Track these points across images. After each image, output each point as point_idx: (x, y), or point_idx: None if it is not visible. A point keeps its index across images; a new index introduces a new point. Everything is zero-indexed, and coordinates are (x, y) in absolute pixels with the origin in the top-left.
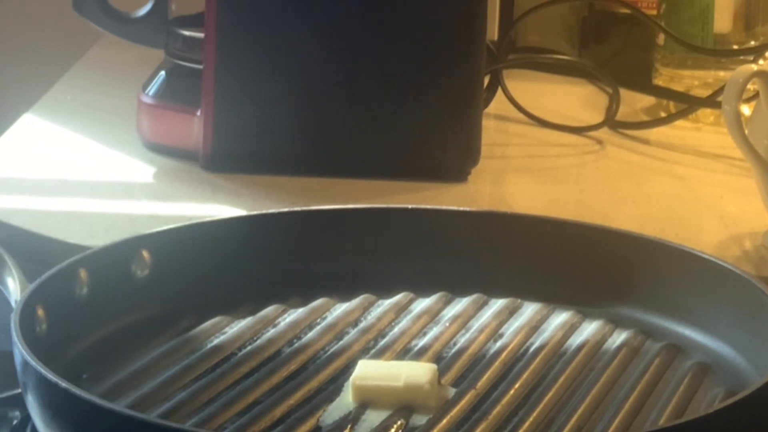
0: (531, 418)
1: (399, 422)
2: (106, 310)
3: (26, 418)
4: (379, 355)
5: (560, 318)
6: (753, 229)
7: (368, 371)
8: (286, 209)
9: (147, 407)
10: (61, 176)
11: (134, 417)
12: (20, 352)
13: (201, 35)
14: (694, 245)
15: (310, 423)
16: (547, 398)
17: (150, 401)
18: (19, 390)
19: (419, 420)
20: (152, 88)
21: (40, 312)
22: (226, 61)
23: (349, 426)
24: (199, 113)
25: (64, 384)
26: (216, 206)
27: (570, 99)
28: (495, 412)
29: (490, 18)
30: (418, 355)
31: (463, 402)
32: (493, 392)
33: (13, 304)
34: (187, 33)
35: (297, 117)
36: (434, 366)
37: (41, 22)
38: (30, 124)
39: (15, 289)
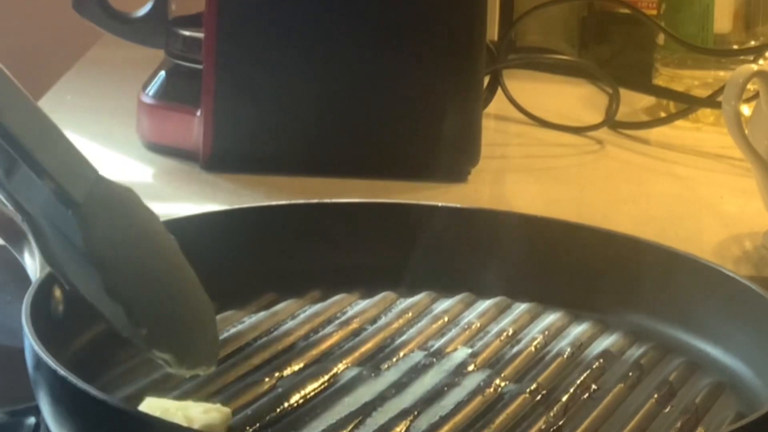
0: (537, 425)
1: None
2: None
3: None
4: (394, 353)
5: (580, 328)
6: (753, 229)
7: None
8: (314, 200)
9: (153, 395)
10: None
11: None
12: (29, 340)
13: (201, 35)
14: (694, 245)
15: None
16: (556, 407)
17: (159, 389)
18: (32, 404)
19: (421, 423)
20: (152, 88)
21: (58, 293)
22: (226, 61)
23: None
24: (199, 113)
25: (69, 376)
26: (216, 206)
27: (570, 99)
28: (500, 419)
29: (490, 18)
30: (434, 355)
31: (473, 404)
32: (503, 397)
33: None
34: (187, 33)
35: (297, 117)
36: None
37: (41, 22)
38: None
39: (34, 268)
